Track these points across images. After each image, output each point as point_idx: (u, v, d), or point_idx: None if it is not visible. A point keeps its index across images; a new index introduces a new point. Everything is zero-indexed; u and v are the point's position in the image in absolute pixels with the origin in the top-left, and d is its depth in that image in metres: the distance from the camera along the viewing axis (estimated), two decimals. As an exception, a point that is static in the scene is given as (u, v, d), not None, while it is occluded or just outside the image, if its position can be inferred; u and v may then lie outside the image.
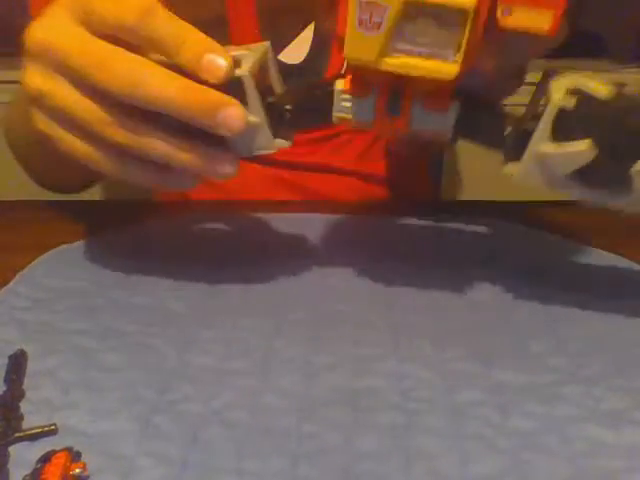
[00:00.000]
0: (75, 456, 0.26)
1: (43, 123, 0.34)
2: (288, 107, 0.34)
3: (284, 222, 0.49)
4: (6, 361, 0.32)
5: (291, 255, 0.44)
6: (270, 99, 0.34)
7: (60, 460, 0.26)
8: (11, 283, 0.40)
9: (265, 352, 0.34)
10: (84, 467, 0.26)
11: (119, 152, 0.33)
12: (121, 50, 0.31)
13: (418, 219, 0.49)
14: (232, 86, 0.32)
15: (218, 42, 0.32)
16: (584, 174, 0.32)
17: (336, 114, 0.34)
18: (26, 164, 0.56)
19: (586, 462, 0.27)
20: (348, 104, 0.33)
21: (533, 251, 0.45)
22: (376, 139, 0.65)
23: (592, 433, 0.28)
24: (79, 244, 0.45)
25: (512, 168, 0.33)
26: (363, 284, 0.41)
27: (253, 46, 0.34)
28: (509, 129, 0.33)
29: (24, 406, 0.29)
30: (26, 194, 0.57)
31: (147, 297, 0.39)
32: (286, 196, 0.60)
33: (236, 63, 0.32)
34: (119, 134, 0.32)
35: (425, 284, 0.41)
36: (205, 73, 0.31)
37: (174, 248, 0.45)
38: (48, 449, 0.26)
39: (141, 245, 0.45)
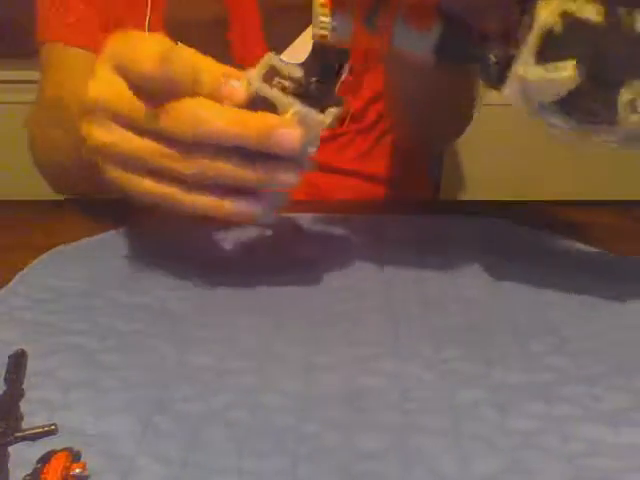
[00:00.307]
0: (75, 456, 0.26)
1: (113, 172, 0.36)
2: (314, 79, 0.35)
3: (284, 222, 0.49)
4: (6, 361, 0.32)
5: (291, 255, 0.44)
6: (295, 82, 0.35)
7: (60, 460, 0.26)
8: (11, 283, 0.40)
9: (265, 352, 0.34)
10: (84, 467, 0.26)
11: (190, 186, 0.34)
12: (175, 104, 0.33)
13: (418, 219, 0.49)
14: (261, 101, 0.33)
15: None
16: (568, 103, 0.31)
17: (315, 31, 0.33)
18: (58, 182, 0.57)
19: (586, 462, 0.27)
20: (327, 19, 0.33)
21: (533, 251, 0.45)
22: (378, 140, 0.65)
23: (592, 433, 0.28)
24: (79, 244, 0.45)
25: (496, 92, 0.32)
26: (363, 284, 0.41)
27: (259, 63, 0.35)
28: (493, 57, 0.32)
29: (24, 406, 0.29)
30: (26, 194, 0.57)
31: (147, 297, 0.39)
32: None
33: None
34: (189, 166, 0.33)
35: (425, 284, 0.41)
36: (228, 100, 0.33)
37: (174, 248, 0.45)
38: (48, 449, 0.26)
39: (141, 245, 0.45)
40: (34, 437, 0.27)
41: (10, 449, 0.27)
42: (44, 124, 0.56)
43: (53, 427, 0.28)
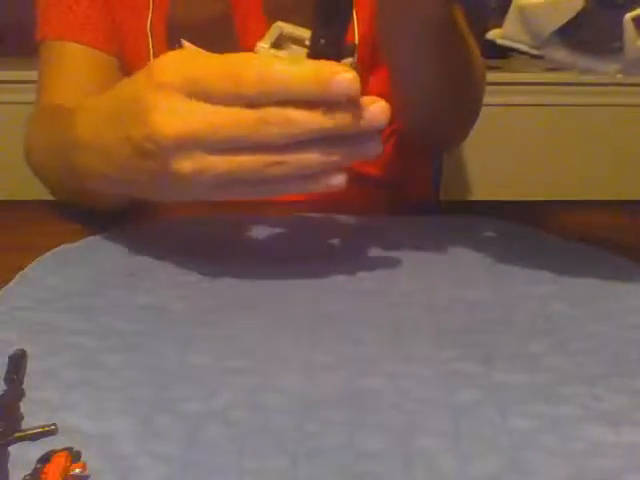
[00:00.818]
0: (75, 456, 0.26)
1: (210, 194, 0.36)
2: (322, 38, 0.35)
3: (284, 222, 0.49)
4: (6, 361, 0.32)
5: (291, 255, 0.44)
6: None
7: (60, 460, 0.26)
8: (11, 283, 0.40)
9: (265, 351, 0.34)
10: (84, 467, 0.26)
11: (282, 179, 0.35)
12: (254, 110, 0.33)
13: (418, 219, 0.49)
14: None
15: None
16: (571, 33, 0.30)
17: None
18: (51, 184, 0.55)
19: (586, 462, 0.27)
20: None
21: (533, 251, 0.45)
22: (384, 141, 0.65)
23: (592, 433, 0.28)
24: (79, 244, 0.45)
25: (496, 31, 0.32)
26: (363, 284, 0.41)
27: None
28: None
29: (24, 406, 0.29)
30: (26, 194, 0.57)
31: (147, 297, 0.39)
32: (288, 196, 0.60)
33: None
34: (284, 167, 0.34)
35: (425, 284, 0.41)
36: (339, 96, 0.33)
37: (174, 248, 0.45)
38: (48, 449, 0.26)
39: (141, 245, 0.45)
40: (34, 437, 0.27)
41: (10, 449, 0.27)
42: (41, 128, 0.56)
43: (53, 427, 0.28)
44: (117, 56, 0.62)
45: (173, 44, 0.57)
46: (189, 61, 0.34)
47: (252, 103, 0.33)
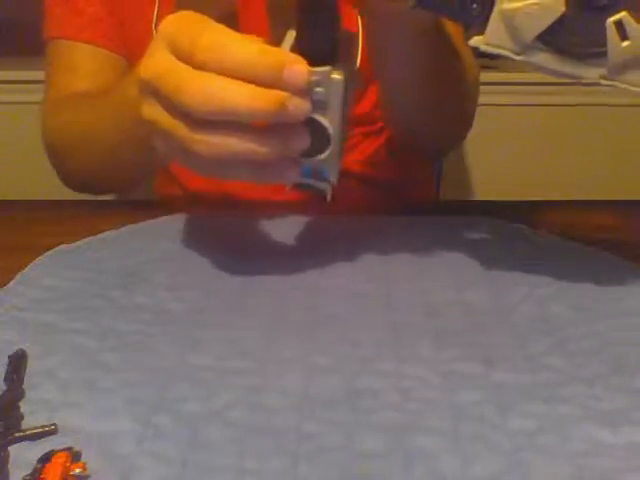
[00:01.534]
0: (75, 456, 0.26)
1: (158, 145, 0.37)
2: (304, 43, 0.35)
3: (284, 222, 0.49)
4: (6, 361, 0.32)
5: (291, 255, 0.44)
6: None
7: (60, 460, 0.26)
8: (11, 283, 0.40)
9: (265, 352, 0.34)
10: (84, 467, 0.26)
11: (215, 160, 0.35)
12: (196, 73, 0.33)
13: (418, 220, 0.49)
14: None
15: None
16: (554, 38, 0.30)
17: None
18: (86, 163, 0.57)
19: (586, 462, 0.27)
20: None
21: (533, 251, 0.45)
22: (385, 143, 0.65)
23: (592, 433, 0.28)
24: (79, 244, 0.45)
25: (479, 38, 0.31)
26: (363, 284, 0.41)
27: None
28: (475, 6, 0.31)
29: (24, 406, 0.29)
30: (26, 194, 0.57)
31: (147, 297, 0.39)
32: (288, 196, 0.60)
33: None
34: (204, 147, 0.34)
35: (425, 284, 0.41)
36: (287, 85, 0.33)
37: (174, 248, 0.45)
38: (48, 449, 0.26)
39: (141, 245, 0.45)
40: (34, 437, 0.27)
41: (10, 449, 0.27)
42: (72, 113, 0.57)
43: (53, 427, 0.28)
44: (124, 55, 0.62)
45: None
46: (183, 20, 0.35)
47: (196, 65, 0.33)
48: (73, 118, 0.56)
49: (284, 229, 0.48)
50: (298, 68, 0.32)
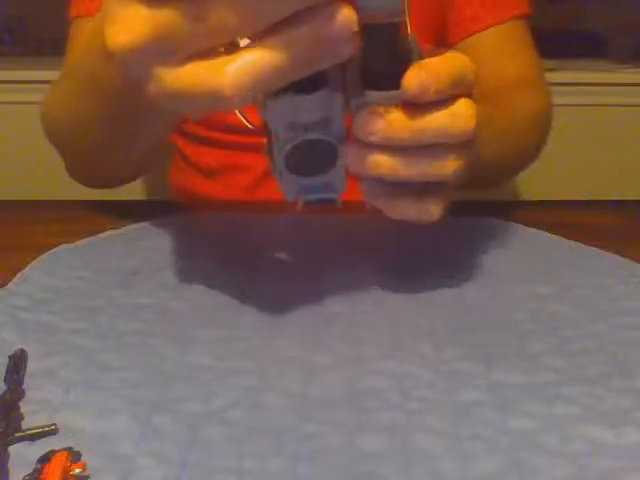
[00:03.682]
0: (75, 456, 0.26)
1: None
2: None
3: (284, 222, 0.49)
4: (6, 361, 0.32)
5: (291, 255, 0.44)
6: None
7: (60, 460, 0.26)
8: (11, 283, 0.40)
9: (265, 352, 0.34)
10: (84, 467, 0.26)
11: None
12: None
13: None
14: None
15: None
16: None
17: None
18: (85, 142, 0.51)
19: (586, 462, 0.27)
20: None
21: (533, 251, 0.45)
22: None
23: (592, 433, 0.28)
24: (79, 244, 0.45)
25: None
26: (363, 284, 0.41)
27: None
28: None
29: (24, 406, 0.29)
30: (25, 194, 0.57)
31: (147, 297, 0.39)
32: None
33: None
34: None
35: (425, 284, 0.41)
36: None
37: (174, 248, 0.45)
38: (48, 449, 0.26)
39: (141, 245, 0.45)
40: (34, 437, 0.27)
41: (10, 449, 0.27)
42: (60, 87, 0.52)
43: (53, 427, 0.28)
44: None
45: None
46: None
47: None
48: (60, 100, 0.51)
49: (284, 228, 0.48)
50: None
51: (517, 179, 1.32)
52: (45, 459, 0.26)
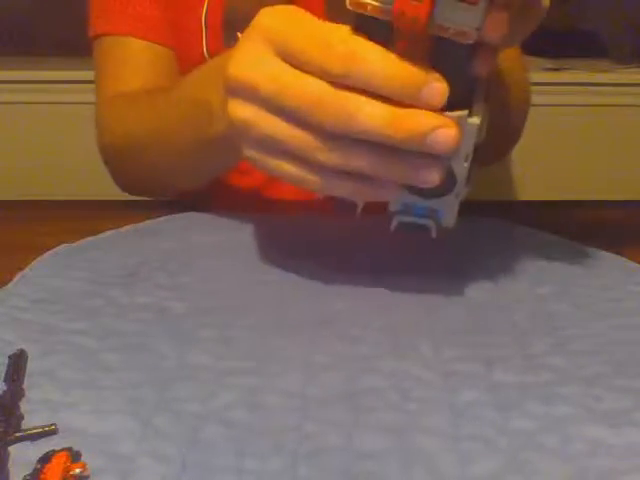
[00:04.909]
0: (75, 456, 0.26)
1: (249, 151, 0.36)
2: None
3: (284, 222, 0.49)
4: (6, 361, 0.32)
5: (291, 255, 0.44)
6: None
7: (60, 460, 0.26)
8: (11, 283, 0.40)
9: (265, 352, 0.34)
10: (84, 467, 0.26)
11: (327, 171, 0.34)
12: (332, 89, 0.31)
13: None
14: None
15: None
16: None
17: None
18: (157, 170, 0.55)
19: (586, 462, 0.27)
20: None
21: (533, 251, 0.45)
22: None
23: (592, 433, 0.28)
24: (79, 244, 0.45)
25: None
26: (363, 284, 0.40)
27: None
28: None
29: (24, 406, 0.29)
30: (25, 194, 0.57)
31: (147, 297, 0.39)
32: (290, 196, 0.60)
33: None
34: (330, 158, 0.33)
35: (425, 284, 0.40)
36: (424, 105, 0.31)
37: (174, 248, 0.45)
38: (48, 449, 0.26)
39: (141, 245, 0.45)
40: (34, 437, 0.27)
41: (10, 449, 0.27)
42: (134, 110, 0.56)
43: (53, 427, 0.28)
44: (173, 49, 0.62)
45: (230, 38, 0.57)
46: (289, 18, 0.33)
47: (330, 77, 0.31)
48: (134, 117, 0.55)
49: (284, 228, 0.48)
50: (438, 87, 0.31)
51: (517, 179, 1.32)
52: (45, 459, 0.26)
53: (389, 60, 0.31)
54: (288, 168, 0.35)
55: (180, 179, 0.54)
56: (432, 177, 0.32)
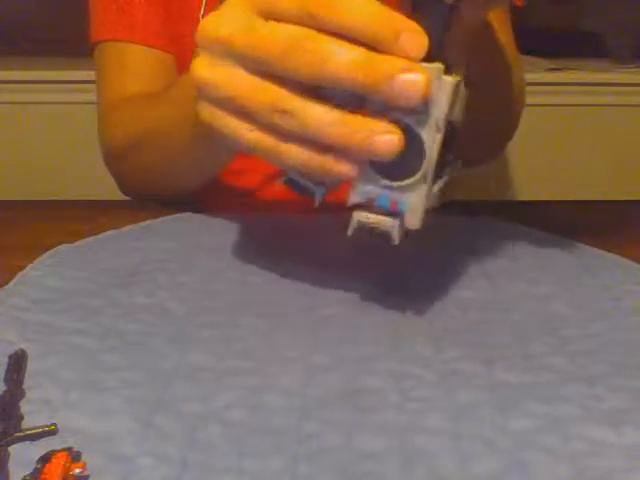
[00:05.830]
0: (75, 456, 0.26)
1: (207, 113, 0.35)
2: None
3: (284, 222, 0.49)
4: (6, 361, 0.32)
5: (291, 255, 0.44)
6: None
7: (60, 460, 0.26)
8: (11, 283, 0.40)
9: (265, 352, 0.34)
10: (84, 467, 0.26)
11: (284, 135, 0.32)
12: (305, 34, 0.30)
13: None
14: None
15: None
16: None
17: None
18: (157, 166, 0.55)
19: (586, 462, 0.27)
20: None
21: (533, 251, 0.45)
22: None
23: (592, 433, 0.28)
24: (79, 244, 0.45)
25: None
26: (363, 284, 0.41)
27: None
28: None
29: (24, 406, 0.29)
30: (25, 194, 0.57)
31: (147, 297, 0.39)
32: (289, 195, 0.60)
33: None
34: (289, 121, 0.31)
35: (425, 283, 0.41)
36: (401, 53, 0.29)
37: (174, 248, 0.45)
38: (48, 449, 0.26)
39: (141, 245, 0.45)
40: (34, 437, 0.27)
41: (10, 449, 0.27)
42: (136, 113, 0.56)
43: (53, 427, 0.28)
44: (173, 54, 0.62)
45: None
46: None
47: (307, 21, 0.30)
48: (133, 118, 0.55)
49: (284, 228, 0.48)
50: (417, 37, 0.29)
51: (516, 179, 1.32)
52: (45, 459, 0.26)
53: (369, 2, 0.30)
54: (245, 132, 0.33)
55: (179, 178, 0.54)
56: (392, 140, 0.30)
